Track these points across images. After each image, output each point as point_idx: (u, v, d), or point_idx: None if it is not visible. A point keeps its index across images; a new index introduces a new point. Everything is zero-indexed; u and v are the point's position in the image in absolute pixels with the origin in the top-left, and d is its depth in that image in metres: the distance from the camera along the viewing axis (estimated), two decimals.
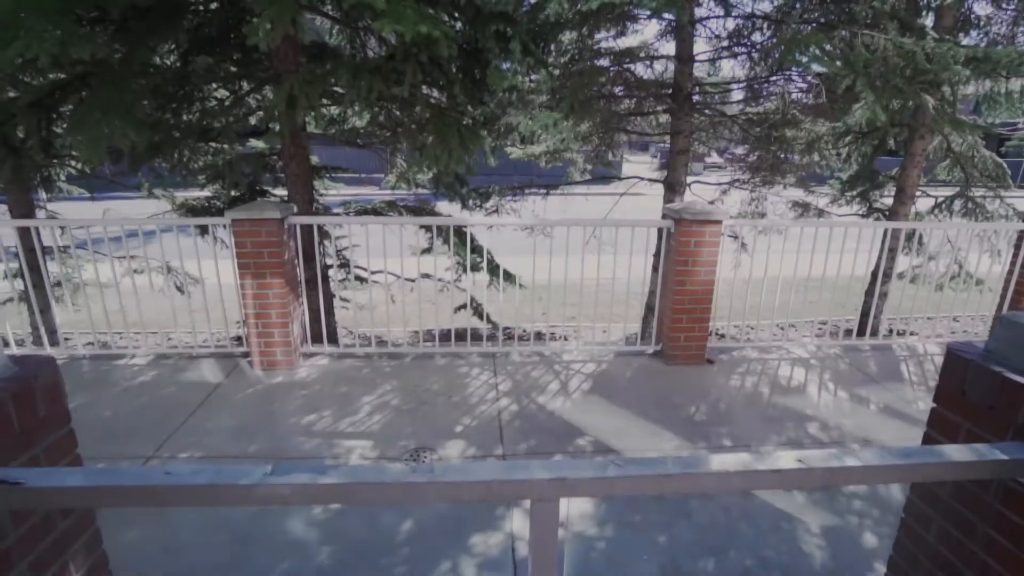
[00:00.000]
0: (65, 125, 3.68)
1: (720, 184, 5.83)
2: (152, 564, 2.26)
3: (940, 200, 5.76)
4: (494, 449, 3.10)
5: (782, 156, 5.26)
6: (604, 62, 4.87)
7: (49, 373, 1.22)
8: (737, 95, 5.22)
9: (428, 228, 4.77)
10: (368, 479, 1.04)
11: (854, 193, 5.82)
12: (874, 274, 4.84)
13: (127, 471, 1.08)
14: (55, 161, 4.55)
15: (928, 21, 4.86)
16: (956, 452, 1.18)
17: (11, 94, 3.87)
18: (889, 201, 5.44)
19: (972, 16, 5.04)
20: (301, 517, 2.54)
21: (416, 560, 2.30)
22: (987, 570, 1.29)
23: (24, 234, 3.98)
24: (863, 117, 3.17)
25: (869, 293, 5.24)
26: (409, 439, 3.18)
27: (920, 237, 5.61)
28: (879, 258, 4.86)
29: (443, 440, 3.17)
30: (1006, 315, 1.33)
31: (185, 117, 4.10)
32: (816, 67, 3.52)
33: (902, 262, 5.79)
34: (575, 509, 2.61)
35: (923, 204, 6.17)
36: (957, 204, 5.61)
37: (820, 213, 5.83)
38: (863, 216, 5.87)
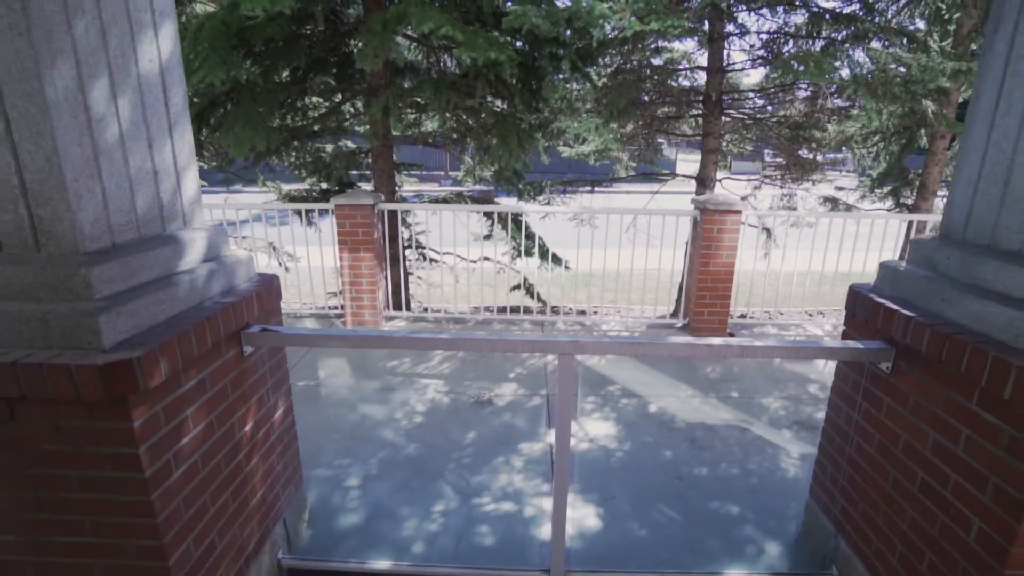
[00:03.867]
0: (207, 131, 4.70)
1: (750, 179, 6.33)
2: None
3: None
4: (540, 390, 3.85)
5: (810, 155, 5.72)
6: (650, 63, 5.51)
7: (277, 281, 2.07)
8: (763, 100, 5.72)
9: (490, 215, 5.57)
10: (464, 336, 1.82)
11: (884, 191, 6.17)
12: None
13: (332, 328, 1.90)
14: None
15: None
16: (829, 342, 1.85)
17: None
18: None
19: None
20: (391, 427, 3.37)
21: (478, 455, 3.08)
22: (861, 428, 1.94)
23: None
24: (865, 120, 3.69)
25: None
26: (472, 381, 3.98)
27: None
28: (903, 248, 5.27)
29: (500, 383, 3.95)
30: (884, 261, 1.97)
31: (300, 123, 5.08)
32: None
33: None
34: (601, 431, 3.33)
35: None
36: None
37: (849, 209, 6.21)
38: (889, 211, 6.21)
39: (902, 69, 3.71)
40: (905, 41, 4.15)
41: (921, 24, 4.97)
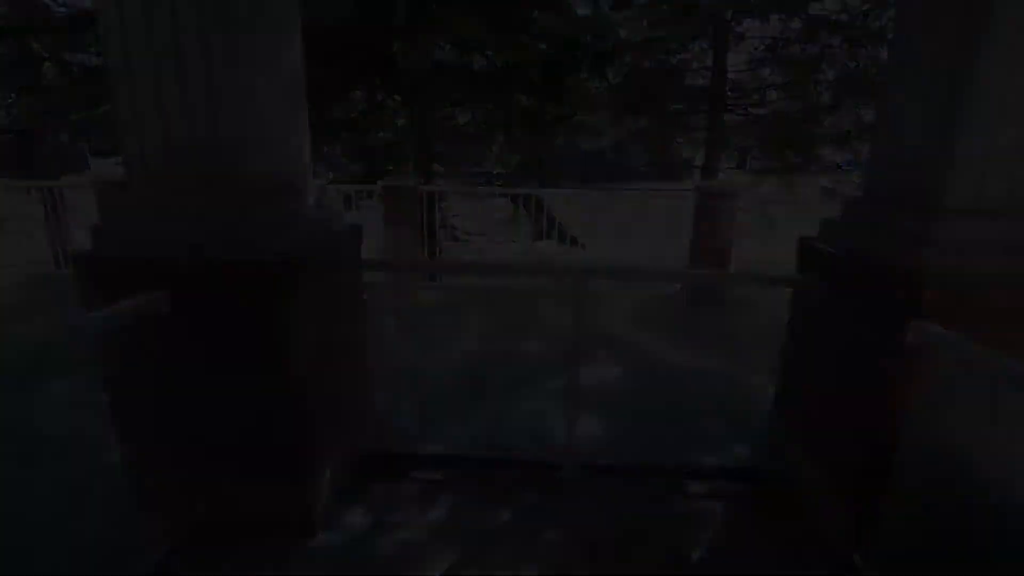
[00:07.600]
0: None
1: (752, 169, 6.89)
2: None
3: None
4: (557, 343, 4.50)
5: (811, 149, 6.26)
6: (666, 61, 6.12)
7: (361, 228, 2.75)
8: (764, 97, 6.29)
9: (515, 200, 6.23)
10: (504, 262, 2.47)
11: None
12: None
13: (412, 256, 2.58)
14: None
15: None
16: (780, 273, 2.47)
17: None
18: None
19: None
20: (430, 365, 4.04)
21: (505, 387, 3.74)
22: (795, 335, 2.56)
23: None
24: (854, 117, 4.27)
25: None
26: (497, 334, 4.64)
27: None
28: None
29: (522, 336, 4.61)
30: (824, 219, 2.58)
31: (350, 115, 5.80)
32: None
33: None
34: (609, 372, 3.97)
35: None
36: None
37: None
38: None
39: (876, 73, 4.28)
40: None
41: None
